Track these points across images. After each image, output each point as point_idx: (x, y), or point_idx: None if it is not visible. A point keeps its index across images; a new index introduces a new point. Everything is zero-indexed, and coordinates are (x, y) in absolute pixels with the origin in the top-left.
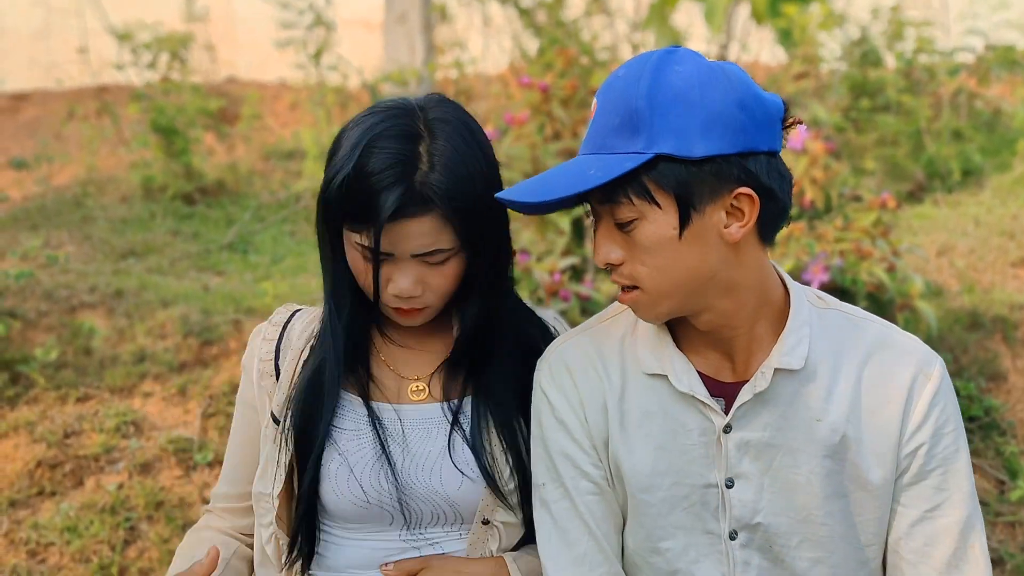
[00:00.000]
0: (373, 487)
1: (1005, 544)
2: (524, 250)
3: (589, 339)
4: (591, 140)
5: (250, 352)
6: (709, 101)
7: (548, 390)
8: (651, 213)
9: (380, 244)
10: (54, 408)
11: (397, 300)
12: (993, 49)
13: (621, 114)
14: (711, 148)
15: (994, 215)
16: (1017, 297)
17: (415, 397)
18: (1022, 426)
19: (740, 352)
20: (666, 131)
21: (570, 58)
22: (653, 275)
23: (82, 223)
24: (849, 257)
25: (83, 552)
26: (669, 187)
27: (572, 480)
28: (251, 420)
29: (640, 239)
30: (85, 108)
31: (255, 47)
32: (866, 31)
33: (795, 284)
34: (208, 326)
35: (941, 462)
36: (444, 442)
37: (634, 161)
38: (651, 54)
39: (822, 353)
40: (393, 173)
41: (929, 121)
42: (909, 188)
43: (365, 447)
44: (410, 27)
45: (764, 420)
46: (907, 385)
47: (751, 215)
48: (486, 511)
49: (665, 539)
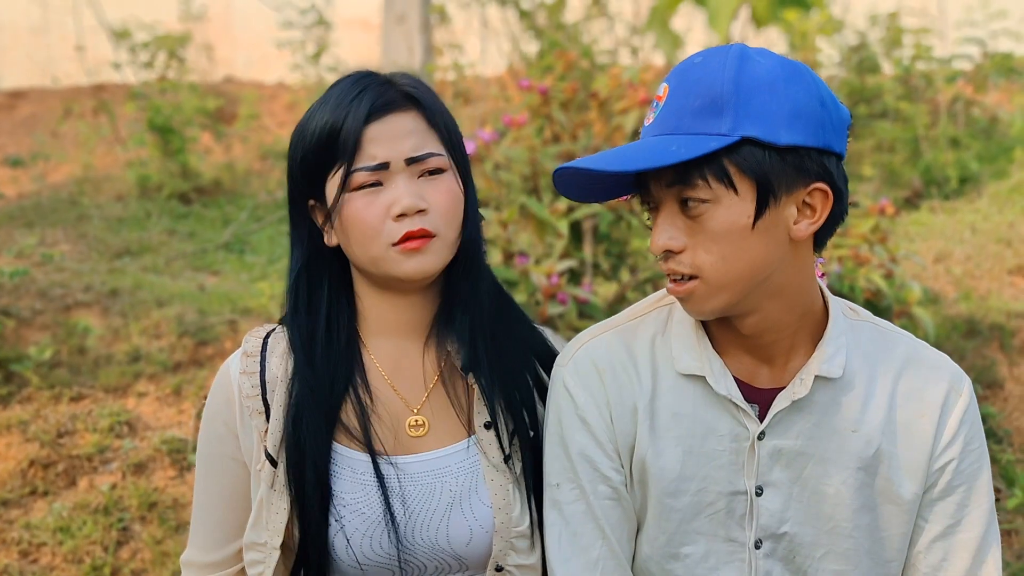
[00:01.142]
0: (374, 552)
1: (1002, 552)
2: (522, 253)
3: (618, 337)
4: (663, 122)
5: (223, 395)
6: (794, 93)
7: (573, 389)
8: (726, 198)
9: (364, 150)
10: (47, 407)
11: (404, 224)
12: (991, 57)
13: (704, 96)
14: (796, 138)
15: (991, 222)
16: (1014, 305)
17: (414, 433)
18: (1019, 434)
19: (779, 358)
20: (752, 115)
21: (570, 61)
22: (717, 264)
23: (77, 221)
24: (847, 263)
25: (75, 552)
26: (751, 172)
27: (590, 483)
28: (233, 473)
29: (710, 225)
30: (82, 106)
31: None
32: (864, 38)
33: (831, 295)
34: (203, 326)
35: (966, 479)
36: (451, 495)
37: (720, 142)
38: (729, 46)
39: (858, 364)
40: (365, 82)
41: (926, 128)
42: (906, 195)
43: (363, 510)
44: (409, 28)
45: (798, 428)
46: (940, 401)
47: (823, 213)
48: (499, 557)
49: (686, 544)
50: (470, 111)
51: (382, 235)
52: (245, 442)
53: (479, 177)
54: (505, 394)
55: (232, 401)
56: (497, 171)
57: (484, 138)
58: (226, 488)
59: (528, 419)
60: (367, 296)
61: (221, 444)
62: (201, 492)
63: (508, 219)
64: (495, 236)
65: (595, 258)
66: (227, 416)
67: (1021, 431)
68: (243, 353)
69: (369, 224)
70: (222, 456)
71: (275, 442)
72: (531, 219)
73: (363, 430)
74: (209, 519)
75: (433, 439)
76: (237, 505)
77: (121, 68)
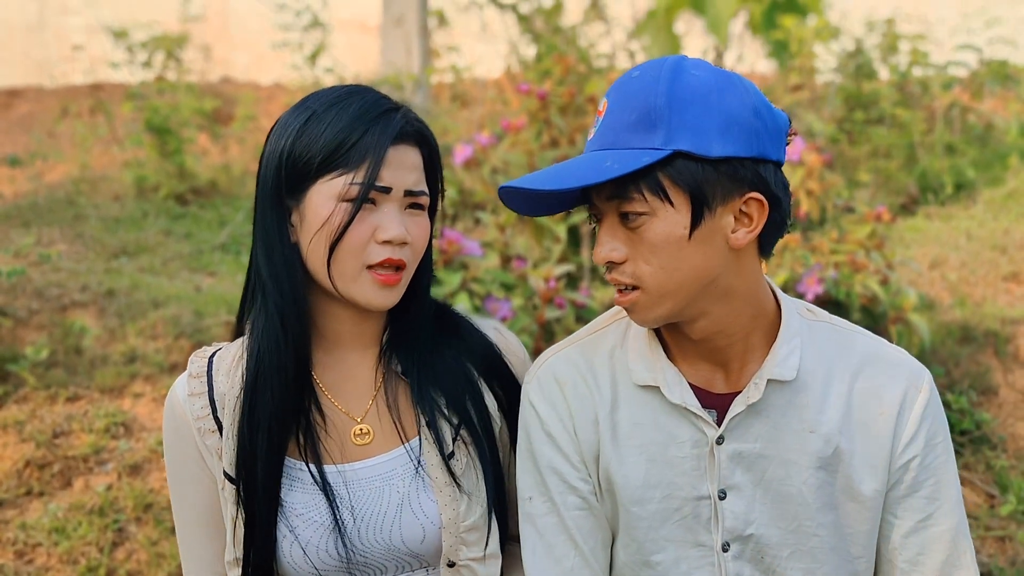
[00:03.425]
0: (329, 557)
1: (995, 559)
2: (520, 257)
3: (579, 351)
4: (602, 137)
5: (177, 419)
6: (727, 104)
7: (537, 403)
8: (662, 211)
9: (380, 170)
10: (43, 408)
11: (385, 251)
12: (986, 64)
13: (638, 111)
14: (728, 149)
15: (986, 229)
16: (1008, 311)
17: (360, 442)
18: (1013, 440)
19: (733, 362)
20: (685, 129)
21: (568, 65)
22: (657, 274)
23: (74, 221)
24: (844, 269)
25: (71, 553)
26: (684, 185)
27: (560, 495)
28: (206, 489)
29: (648, 236)
30: (79, 106)
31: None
32: (861, 44)
33: (785, 296)
34: (200, 327)
35: (932, 472)
36: (399, 496)
37: (652, 156)
38: (664, 59)
39: (813, 364)
40: (386, 105)
41: (922, 134)
42: (902, 201)
43: (315, 519)
44: (407, 30)
45: (756, 431)
46: (899, 399)
47: (759, 221)
48: (450, 553)
49: (656, 552)
50: (467, 114)
51: (361, 254)
52: (209, 461)
53: (477, 181)
54: (446, 392)
55: (188, 423)
56: (495, 175)
57: (482, 142)
58: (203, 510)
59: (476, 413)
60: (328, 310)
61: (188, 467)
62: (184, 523)
63: (506, 223)
64: (493, 240)
65: (593, 262)
66: (187, 435)
67: (1015, 437)
68: (188, 375)
69: (354, 240)
70: (189, 482)
71: (230, 459)
72: (529, 223)
73: (309, 444)
74: (198, 542)
75: (378, 445)
76: (219, 526)
77: (119, 68)
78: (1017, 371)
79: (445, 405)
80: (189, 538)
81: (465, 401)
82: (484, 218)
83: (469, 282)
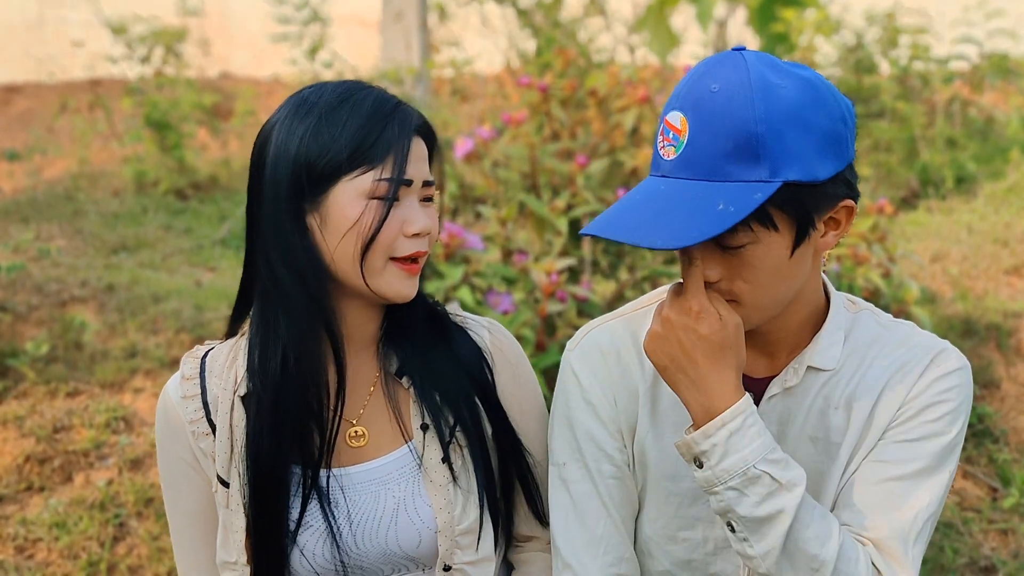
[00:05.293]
0: (327, 561)
1: (998, 551)
2: (521, 250)
3: (623, 325)
4: (691, 164)
5: (171, 419)
6: (820, 120)
7: (579, 371)
8: (767, 237)
9: (407, 164)
10: (43, 403)
11: (414, 244)
12: (987, 57)
13: (735, 138)
14: (829, 169)
15: (987, 222)
16: (1010, 305)
17: (354, 444)
18: (1015, 433)
19: (781, 350)
20: (788, 156)
21: (569, 59)
22: (755, 292)
23: (73, 216)
24: (846, 262)
25: (71, 548)
26: (792, 212)
27: (595, 462)
28: (198, 492)
29: (749, 259)
30: (78, 101)
31: (250, 42)
32: (861, 37)
33: (833, 288)
34: (200, 322)
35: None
36: (395, 501)
37: (764, 191)
38: (739, 64)
39: (851, 354)
40: (393, 99)
41: (923, 128)
42: (903, 194)
43: (312, 523)
44: (407, 25)
45: (779, 414)
46: (919, 370)
47: (847, 224)
48: (446, 557)
49: (685, 528)
50: (468, 108)
51: (389, 249)
52: (203, 463)
53: (478, 175)
54: (441, 392)
55: (182, 425)
56: (496, 168)
57: (483, 135)
58: (197, 512)
59: (469, 414)
60: (352, 311)
61: (179, 469)
62: (179, 530)
63: (507, 217)
64: (494, 234)
65: (594, 256)
66: (180, 438)
67: (1017, 430)
68: (181, 377)
69: (387, 236)
70: (187, 480)
71: (223, 462)
72: (530, 217)
73: (308, 448)
74: (190, 545)
75: (373, 448)
76: (214, 528)
77: (118, 63)
78: (1019, 364)
79: (442, 406)
80: (184, 540)
81: (460, 402)
82: (485, 212)
83: (471, 276)
